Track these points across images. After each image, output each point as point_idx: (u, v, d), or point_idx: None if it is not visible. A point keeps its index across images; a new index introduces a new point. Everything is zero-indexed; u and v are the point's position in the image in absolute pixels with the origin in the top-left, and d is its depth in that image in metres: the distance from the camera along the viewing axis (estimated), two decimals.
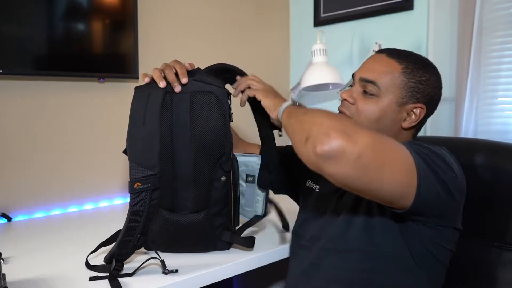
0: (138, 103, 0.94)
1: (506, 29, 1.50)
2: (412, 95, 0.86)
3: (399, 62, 0.86)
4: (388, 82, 0.85)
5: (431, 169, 0.72)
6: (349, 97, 0.89)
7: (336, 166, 0.65)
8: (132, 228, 0.90)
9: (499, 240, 0.88)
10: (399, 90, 0.85)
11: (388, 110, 0.85)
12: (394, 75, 0.85)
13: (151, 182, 0.90)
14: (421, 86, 0.86)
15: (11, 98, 1.39)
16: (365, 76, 0.86)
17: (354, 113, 0.88)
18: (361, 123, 0.86)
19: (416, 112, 0.87)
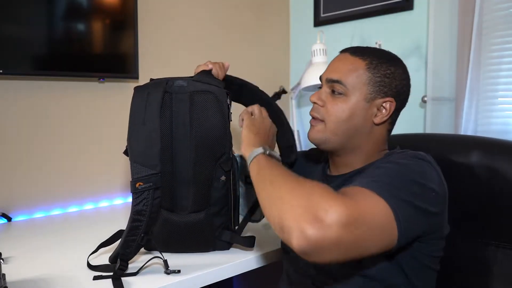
0: (137, 103, 0.94)
1: (506, 29, 1.50)
2: (379, 89, 0.85)
3: (362, 59, 0.86)
4: (354, 80, 0.85)
5: (410, 204, 0.70)
6: (318, 100, 0.89)
7: (320, 256, 0.63)
8: (135, 228, 0.91)
9: (495, 238, 0.89)
10: (366, 87, 0.85)
11: (358, 107, 0.85)
12: (359, 72, 0.85)
13: (153, 181, 0.91)
14: (387, 80, 0.86)
15: (11, 98, 1.39)
16: (331, 77, 0.87)
17: (324, 115, 0.87)
18: (332, 124, 0.86)
19: (386, 106, 0.86)
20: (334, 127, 0.86)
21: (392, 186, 0.71)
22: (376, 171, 0.76)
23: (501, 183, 0.88)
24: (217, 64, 1.06)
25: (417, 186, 0.73)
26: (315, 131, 0.89)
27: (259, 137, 0.92)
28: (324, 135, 0.88)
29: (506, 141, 0.93)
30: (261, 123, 0.97)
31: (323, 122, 0.88)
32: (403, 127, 1.78)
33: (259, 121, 0.97)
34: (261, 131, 0.95)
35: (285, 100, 2.26)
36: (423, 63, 1.75)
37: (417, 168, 0.76)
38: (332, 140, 0.87)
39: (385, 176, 0.73)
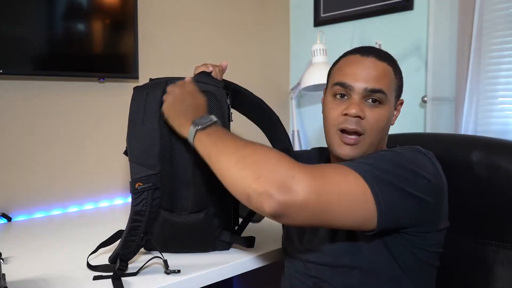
0: (137, 103, 0.94)
1: (505, 29, 1.50)
2: (399, 93, 0.87)
3: (389, 64, 0.84)
4: (389, 87, 0.83)
5: (396, 187, 0.71)
6: (361, 112, 0.81)
7: (288, 219, 0.66)
8: (135, 228, 0.90)
9: (495, 238, 0.89)
10: (394, 92, 0.85)
11: (390, 114, 0.85)
12: (390, 78, 0.84)
13: (152, 182, 0.91)
14: (402, 83, 0.88)
15: (11, 98, 1.39)
16: (373, 86, 0.81)
17: (366, 128, 0.82)
18: (373, 135, 0.83)
19: (399, 107, 0.89)
20: (374, 138, 0.83)
21: (376, 167, 0.72)
22: (365, 157, 0.77)
23: (501, 182, 0.88)
24: (217, 68, 1.06)
25: (408, 172, 0.73)
26: (354, 149, 0.83)
27: (183, 118, 0.84)
28: (361, 150, 0.83)
29: (505, 141, 0.93)
30: (177, 99, 0.87)
31: (362, 135, 0.82)
32: (403, 127, 1.79)
33: (175, 98, 0.87)
34: (179, 108, 0.86)
35: (285, 100, 2.26)
36: (423, 63, 1.75)
37: (410, 156, 0.76)
38: (368, 152, 0.84)
39: (372, 159, 0.74)
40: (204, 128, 0.79)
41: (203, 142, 0.78)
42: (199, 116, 0.81)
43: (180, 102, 0.86)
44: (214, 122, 0.80)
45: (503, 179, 0.88)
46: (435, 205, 0.77)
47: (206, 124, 0.79)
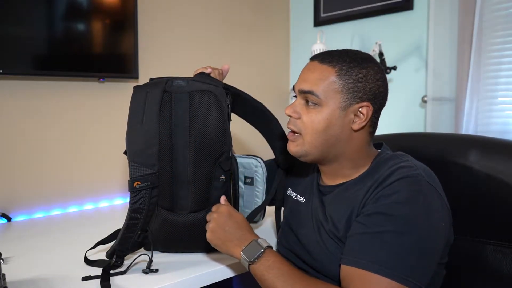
0: (136, 102, 0.94)
1: (506, 29, 1.50)
2: (354, 95, 0.82)
3: (332, 66, 0.83)
4: (326, 89, 0.82)
5: (423, 263, 0.72)
6: (293, 113, 0.86)
7: None
8: (132, 225, 0.92)
9: (494, 237, 0.89)
10: (339, 95, 0.82)
11: (333, 117, 0.82)
12: (329, 80, 0.82)
13: (150, 181, 0.91)
14: (360, 85, 0.82)
15: (11, 98, 1.39)
16: (302, 88, 0.84)
17: (301, 128, 0.85)
18: (310, 136, 0.84)
19: (363, 111, 0.83)
20: (312, 139, 0.84)
21: (401, 260, 0.70)
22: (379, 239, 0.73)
23: (501, 182, 0.88)
24: (217, 70, 1.06)
25: (427, 241, 0.73)
26: (294, 145, 0.87)
27: (232, 246, 0.86)
28: (302, 148, 0.86)
29: (505, 141, 0.93)
30: (221, 226, 0.88)
31: (301, 135, 0.86)
32: (404, 127, 1.79)
33: (218, 224, 0.88)
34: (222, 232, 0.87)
35: (285, 100, 2.26)
36: (423, 63, 1.75)
37: (422, 216, 0.74)
38: (312, 152, 0.86)
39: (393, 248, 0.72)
40: (254, 261, 0.81)
41: (257, 274, 0.80)
42: (246, 244, 0.84)
43: (221, 228, 0.87)
44: (262, 252, 0.82)
45: (502, 179, 0.88)
46: (447, 229, 0.79)
47: (256, 256, 0.81)
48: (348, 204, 0.82)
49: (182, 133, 0.95)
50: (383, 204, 0.75)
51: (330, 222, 0.85)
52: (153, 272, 0.90)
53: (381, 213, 0.75)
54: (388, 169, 0.81)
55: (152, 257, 0.92)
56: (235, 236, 0.86)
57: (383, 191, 0.77)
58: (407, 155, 0.86)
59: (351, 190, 0.85)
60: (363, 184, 0.83)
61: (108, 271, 0.88)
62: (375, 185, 0.79)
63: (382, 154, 0.88)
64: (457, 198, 0.84)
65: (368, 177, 0.84)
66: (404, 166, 0.80)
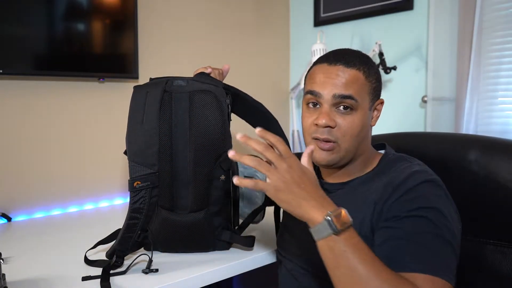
0: (136, 102, 0.94)
1: (506, 29, 1.50)
2: (375, 95, 0.86)
3: (357, 69, 0.83)
4: (360, 92, 0.83)
5: (453, 260, 0.73)
6: (330, 121, 0.81)
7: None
8: (132, 225, 0.92)
9: (494, 237, 0.89)
10: (368, 96, 0.84)
11: (365, 118, 0.84)
12: (360, 83, 0.83)
13: (150, 180, 0.92)
14: (378, 84, 0.87)
15: (11, 98, 1.39)
16: (341, 92, 0.81)
17: (338, 136, 0.82)
18: (347, 142, 0.83)
19: (378, 108, 0.88)
20: (349, 144, 0.83)
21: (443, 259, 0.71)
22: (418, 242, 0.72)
23: (500, 182, 0.88)
24: (217, 70, 1.06)
25: (455, 240, 0.74)
26: (329, 154, 0.83)
27: (303, 201, 0.69)
28: (338, 155, 0.83)
29: (505, 140, 0.93)
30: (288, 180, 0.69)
31: (337, 143, 0.82)
32: (404, 127, 1.79)
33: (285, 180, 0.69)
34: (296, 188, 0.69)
35: (285, 100, 2.26)
36: (423, 63, 1.75)
37: (449, 218, 0.75)
38: (346, 157, 0.85)
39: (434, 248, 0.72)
40: (340, 232, 0.67)
41: (336, 248, 0.67)
42: (332, 210, 0.68)
43: (296, 183, 0.69)
44: (351, 224, 0.69)
45: (502, 179, 0.88)
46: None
47: (345, 227, 0.67)
48: (361, 204, 0.81)
49: (182, 133, 0.95)
50: (415, 209, 0.74)
51: None
52: (153, 272, 0.90)
53: (415, 216, 0.74)
54: (401, 171, 0.81)
55: (152, 257, 0.92)
56: (312, 195, 0.69)
57: (408, 194, 0.76)
58: (412, 157, 0.87)
59: (361, 189, 0.85)
60: (373, 183, 0.83)
61: (108, 271, 0.88)
62: (392, 186, 0.78)
63: (389, 154, 0.89)
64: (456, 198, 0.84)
65: (378, 177, 0.84)
66: (420, 171, 0.80)
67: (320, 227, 0.67)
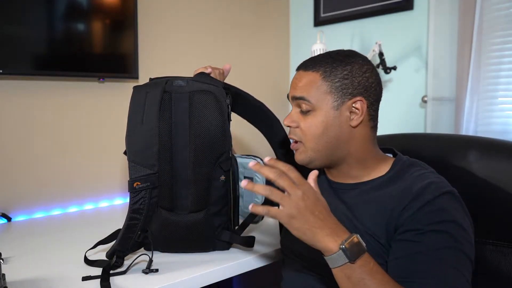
0: (136, 103, 0.94)
1: (506, 29, 1.50)
2: (343, 93, 0.84)
3: (315, 71, 0.85)
4: (316, 93, 0.84)
5: (469, 269, 0.74)
6: (291, 123, 0.88)
7: None
8: (132, 226, 0.92)
9: (493, 237, 0.89)
10: (329, 96, 0.84)
11: (328, 118, 0.84)
12: (317, 84, 0.84)
13: (150, 181, 0.91)
14: (347, 81, 0.83)
15: (11, 98, 1.39)
16: (294, 94, 0.87)
17: (300, 136, 0.87)
18: (311, 142, 0.85)
19: (357, 106, 0.84)
20: (313, 144, 0.86)
21: (461, 274, 0.72)
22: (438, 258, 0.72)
23: (500, 182, 0.88)
24: (217, 70, 1.06)
25: (472, 254, 0.75)
26: (298, 154, 0.89)
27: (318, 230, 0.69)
28: (306, 155, 0.87)
29: (504, 141, 0.94)
30: (301, 208, 0.68)
31: (302, 143, 0.87)
32: (404, 127, 1.79)
33: (298, 207, 0.68)
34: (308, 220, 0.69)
35: (285, 100, 2.26)
36: (423, 63, 1.75)
37: (467, 231, 0.76)
38: (317, 157, 0.87)
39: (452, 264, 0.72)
40: (355, 260, 0.67)
41: (354, 276, 0.67)
42: (346, 238, 0.68)
43: (310, 211, 0.69)
44: (365, 251, 0.69)
45: (501, 179, 0.88)
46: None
47: (359, 254, 0.67)
48: (376, 209, 0.81)
49: (182, 133, 0.95)
50: (434, 222, 0.74)
51: (359, 220, 0.84)
52: (153, 272, 0.90)
53: (435, 231, 0.74)
54: (417, 178, 0.81)
55: (152, 257, 0.92)
56: (327, 224, 0.69)
57: (427, 207, 0.76)
58: (424, 163, 0.87)
59: (375, 193, 0.84)
60: (388, 189, 0.83)
61: (108, 271, 0.88)
62: (410, 196, 0.78)
63: (402, 159, 0.88)
64: None
65: (393, 183, 0.84)
66: (437, 182, 0.79)
67: (335, 257, 0.67)
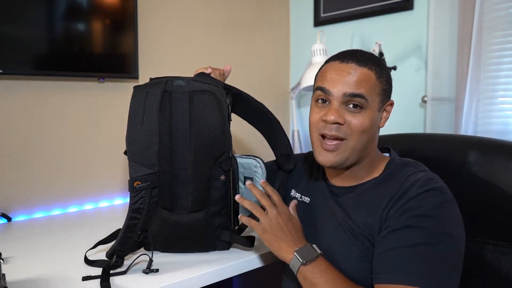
0: (136, 102, 0.94)
1: (506, 29, 1.50)
2: (386, 96, 0.86)
3: (370, 69, 0.83)
4: (371, 92, 0.83)
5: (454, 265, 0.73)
6: (339, 118, 0.82)
7: None
8: (132, 225, 0.92)
9: (493, 237, 0.89)
10: (378, 97, 0.84)
11: (374, 118, 0.84)
12: (371, 83, 0.83)
13: (150, 181, 0.92)
14: (388, 86, 0.87)
15: (11, 98, 1.39)
16: (352, 91, 0.81)
17: (347, 133, 0.82)
18: (355, 140, 0.83)
19: (388, 109, 0.88)
20: (356, 143, 0.83)
21: (437, 270, 0.71)
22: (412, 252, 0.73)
23: (499, 182, 0.88)
24: (218, 71, 1.06)
25: (456, 250, 0.74)
26: (335, 155, 0.84)
27: (282, 242, 0.85)
28: (344, 155, 0.84)
29: (503, 141, 0.94)
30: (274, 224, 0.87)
31: (345, 141, 0.83)
32: (403, 127, 1.79)
33: (271, 224, 0.87)
34: (279, 232, 0.86)
35: (285, 100, 2.26)
36: (423, 63, 1.75)
37: (450, 227, 0.75)
38: (352, 157, 0.84)
39: (427, 259, 0.72)
40: (307, 263, 0.80)
41: (307, 276, 0.79)
42: (301, 246, 0.83)
43: (280, 227, 0.86)
44: (317, 256, 0.81)
45: (501, 179, 0.88)
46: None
47: (311, 258, 0.80)
48: (370, 210, 0.82)
49: (182, 133, 0.95)
50: (410, 217, 0.75)
51: (354, 223, 0.84)
52: (153, 272, 0.90)
53: (410, 227, 0.74)
54: (407, 178, 0.81)
55: (152, 257, 0.92)
56: (291, 238, 0.85)
57: (408, 204, 0.77)
58: (418, 162, 0.87)
59: (369, 194, 0.85)
60: (381, 190, 0.84)
61: (108, 271, 0.88)
62: (397, 195, 0.79)
63: (395, 159, 0.89)
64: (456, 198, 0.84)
65: (386, 183, 0.84)
66: (422, 179, 0.80)
67: (293, 262, 0.81)
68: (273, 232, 0.85)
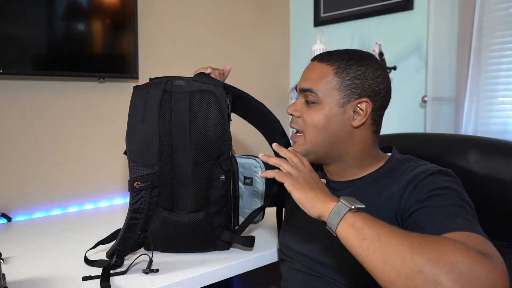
0: (136, 102, 0.95)
1: (505, 29, 1.50)
2: (351, 92, 0.84)
3: (330, 64, 0.85)
4: (325, 87, 0.85)
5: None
6: (294, 111, 0.89)
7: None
8: (132, 225, 0.92)
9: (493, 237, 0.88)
10: (337, 92, 0.84)
11: (332, 113, 0.85)
12: (328, 78, 0.85)
13: (150, 181, 0.92)
14: (358, 82, 0.83)
15: (11, 98, 1.39)
16: (302, 86, 0.87)
17: (302, 126, 0.88)
18: (311, 134, 0.86)
19: (362, 107, 0.84)
20: (312, 136, 0.86)
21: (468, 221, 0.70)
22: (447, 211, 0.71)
23: (499, 182, 0.88)
24: (217, 71, 1.06)
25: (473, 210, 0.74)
26: (296, 146, 0.89)
27: (318, 192, 0.74)
28: (304, 147, 0.88)
29: (503, 141, 0.94)
30: (305, 177, 0.78)
31: (302, 134, 0.88)
32: (403, 127, 1.79)
33: (302, 175, 0.78)
34: (313, 184, 0.77)
35: (285, 100, 2.26)
36: (423, 63, 1.75)
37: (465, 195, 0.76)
38: (314, 150, 0.87)
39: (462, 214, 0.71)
40: (356, 210, 0.68)
41: (358, 222, 0.66)
42: (345, 198, 0.71)
43: (313, 180, 0.78)
44: (363, 208, 0.70)
45: (501, 179, 0.88)
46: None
47: (360, 207, 0.69)
48: (373, 201, 0.81)
49: (182, 133, 0.95)
50: (430, 191, 0.75)
51: None
52: (153, 272, 0.90)
53: (433, 196, 0.74)
54: (413, 169, 0.81)
55: (152, 257, 0.92)
56: (326, 190, 0.76)
57: (420, 184, 0.77)
58: (418, 158, 0.87)
59: (371, 187, 0.85)
60: (383, 182, 0.84)
61: (108, 271, 0.88)
62: (406, 185, 0.78)
63: (396, 156, 0.89)
64: None
65: (386, 177, 0.85)
66: (431, 164, 0.82)
67: (336, 209, 0.69)
68: (306, 182, 0.76)
